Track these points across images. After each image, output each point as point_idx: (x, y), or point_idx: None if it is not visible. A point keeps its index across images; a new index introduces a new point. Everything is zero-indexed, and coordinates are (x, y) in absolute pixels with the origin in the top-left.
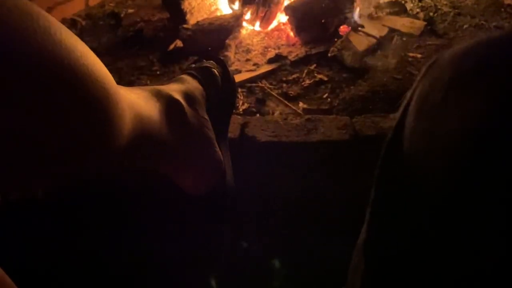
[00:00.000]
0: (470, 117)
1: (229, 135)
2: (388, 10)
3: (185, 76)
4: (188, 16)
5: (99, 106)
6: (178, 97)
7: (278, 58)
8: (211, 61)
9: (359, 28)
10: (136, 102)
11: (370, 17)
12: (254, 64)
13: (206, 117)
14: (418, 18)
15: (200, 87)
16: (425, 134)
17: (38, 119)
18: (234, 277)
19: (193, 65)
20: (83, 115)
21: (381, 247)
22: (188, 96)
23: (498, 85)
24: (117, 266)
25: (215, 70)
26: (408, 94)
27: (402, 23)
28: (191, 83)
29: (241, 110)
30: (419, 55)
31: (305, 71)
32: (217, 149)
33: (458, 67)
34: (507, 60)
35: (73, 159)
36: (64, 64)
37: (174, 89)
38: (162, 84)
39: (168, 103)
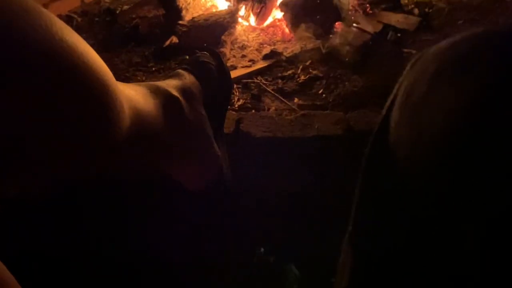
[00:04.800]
0: (454, 111)
1: (225, 130)
2: (383, 6)
3: (181, 71)
4: (183, 13)
5: (99, 103)
6: (176, 93)
7: (273, 54)
8: (207, 54)
9: (354, 24)
10: (134, 98)
11: (365, 13)
12: (250, 60)
13: (203, 112)
14: (413, 14)
15: (196, 82)
16: (410, 127)
17: (40, 116)
18: (232, 273)
19: (187, 57)
20: (84, 112)
21: (367, 239)
22: (185, 92)
23: (482, 78)
24: (116, 265)
25: (211, 64)
26: (395, 88)
27: (397, 19)
28: (188, 79)
29: (236, 106)
30: (414, 51)
31: (300, 67)
32: (214, 144)
33: (442, 60)
34: (491, 54)
35: (73, 155)
36: (65, 62)
37: (171, 85)
38: (160, 80)
39: (166, 99)
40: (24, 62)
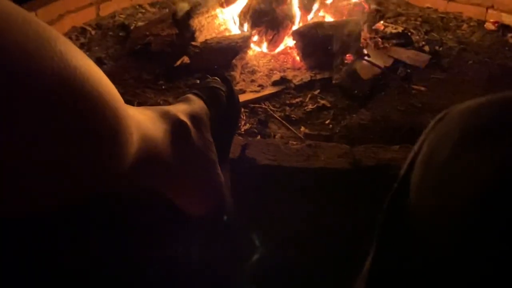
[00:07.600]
0: (477, 180)
1: (230, 155)
2: (394, 41)
3: (191, 96)
4: (197, 34)
5: (109, 131)
6: (184, 118)
7: (282, 81)
8: (217, 79)
9: (365, 57)
10: (143, 123)
11: (377, 47)
12: (259, 86)
13: (211, 139)
14: (423, 51)
15: (205, 107)
16: (432, 192)
17: (52, 145)
18: None
19: (198, 81)
20: (94, 140)
21: None
22: (194, 117)
23: (507, 148)
24: (112, 284)
25: (221, 90)
26: (415, 147)
27: (407, 55)
28: (197, 104)
29: (242, 130)
30: (422, 88)
31: (309, 95)
32: (219, 171)
33: (466, 125)
34: None
35: (79, 180)
36: (79, 91)
37: (180, 110)
38: (168, 99)
39: (174, 124)
40: (38, 92)
